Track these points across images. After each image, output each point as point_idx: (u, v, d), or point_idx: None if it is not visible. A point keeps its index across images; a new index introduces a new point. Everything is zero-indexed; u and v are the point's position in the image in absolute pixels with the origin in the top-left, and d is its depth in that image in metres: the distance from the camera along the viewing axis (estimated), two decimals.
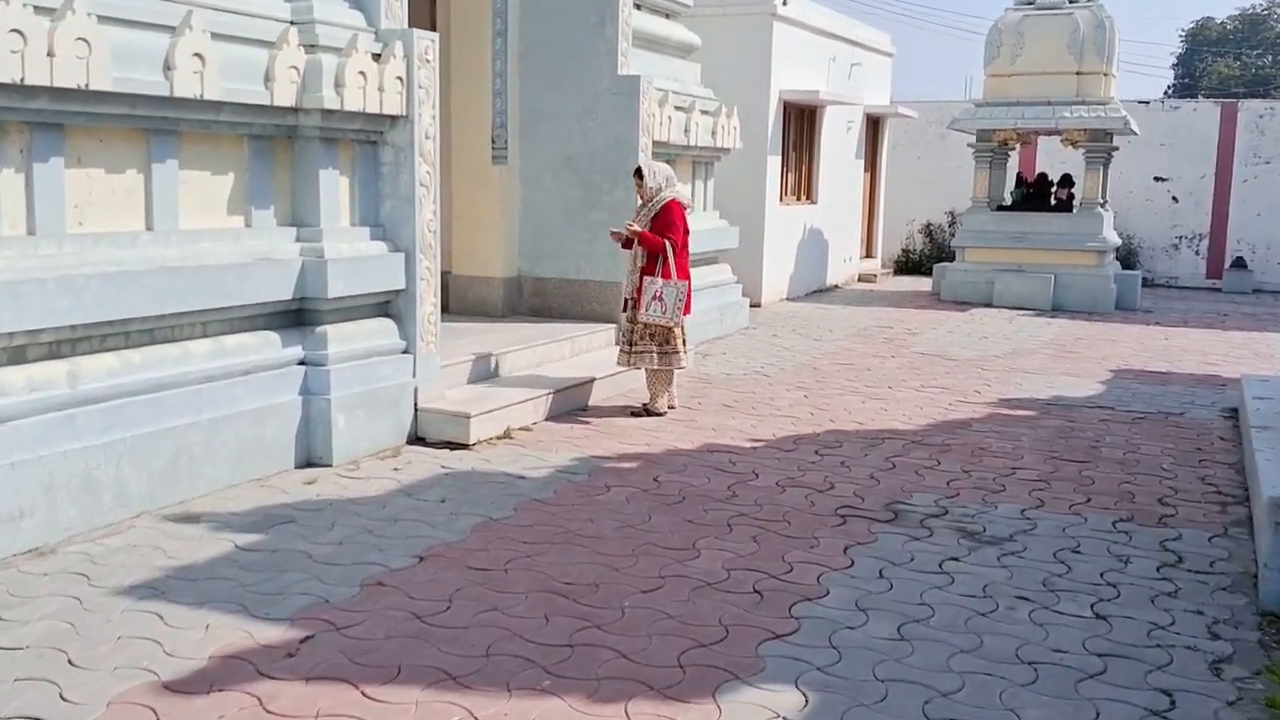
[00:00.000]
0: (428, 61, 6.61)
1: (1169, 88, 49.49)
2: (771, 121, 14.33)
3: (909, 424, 7.53)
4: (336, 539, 4.88)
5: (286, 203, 6.28)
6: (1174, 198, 19.74)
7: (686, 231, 7.67)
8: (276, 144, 6.15)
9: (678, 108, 10.60)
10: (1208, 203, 19.56)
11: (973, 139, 16.16)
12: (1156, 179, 19.75)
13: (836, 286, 17.42)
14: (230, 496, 5.48)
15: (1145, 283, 17.68)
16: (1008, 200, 16.66)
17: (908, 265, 20.56)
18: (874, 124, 18.73)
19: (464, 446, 6.61)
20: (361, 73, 6.16)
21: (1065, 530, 5.22)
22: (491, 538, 4.92)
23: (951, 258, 18.64)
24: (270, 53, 5.80)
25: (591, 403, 8.00)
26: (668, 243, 7.42)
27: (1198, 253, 19.70)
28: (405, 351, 6.72)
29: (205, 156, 5.74)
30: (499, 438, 6.86)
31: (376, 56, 6.40)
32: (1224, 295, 18.17)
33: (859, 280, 18.48)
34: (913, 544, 4.95)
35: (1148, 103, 20.50)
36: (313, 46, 6.07)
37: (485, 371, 7.73)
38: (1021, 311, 14.44)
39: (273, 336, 6.04)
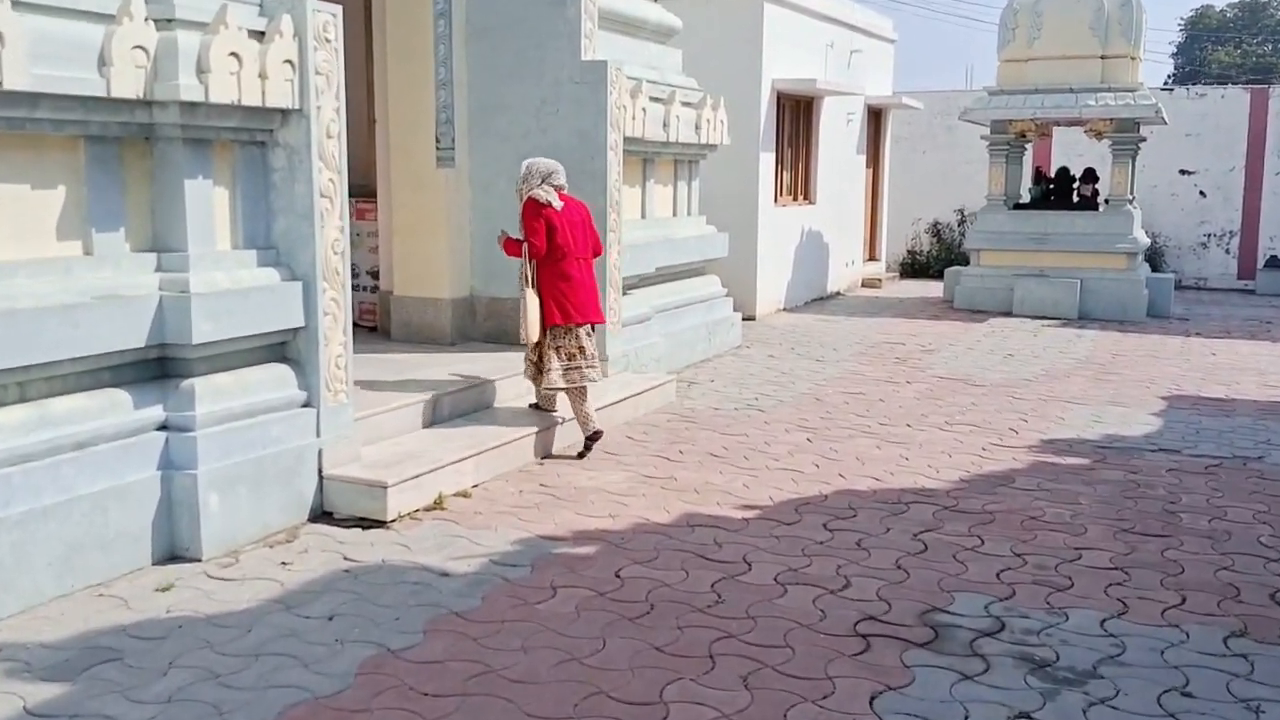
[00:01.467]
0: (327, 41, 5.31)
1: (1169, 76, 48.53)
2: (764, 114, 13.04)
3: (937, 479, 6.24)
4: (164, 693, 3.57)
5: (145, 223, 4.98)
6: (1201, 192, 18.48)
7: (554, 231, 6.57)
8: (127, 148, 4.85)
9: (654, 99, 9.30)
10: (1238, 197, 18.30)
11: (986, 131, 14.88)
12: (1182, 172, 18.50)
13: (839, 293, 16.14)
14: (50, 615, 4.18)
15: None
16: (1025, 198, 15.39)
17: (914, 268, 19.29)
18: (876, 116, 17.46)
19: (380, 524, 5.31)
20: (234, 54, 4.86)
21: (1164, 655, 3.92)
22: (380, 687, 3.62)
23: (963, 260, 17.39)
24: (106, 29, 4.50)
25: (556, 449, 6.71)
26: (525, 247, 6.57)
27: (1228, 251, 18.44)
28: (306, 404, 5.42)
29: (17, 166, 4.43)
30: (427, 509, 5.56)
31: (259, 35, 5.10)
32: (1259, 298, 16.92)
33: (863, 285, 17.21)
34: (964, 686, 3.66)
35: (1171, 89, 19.25)
36: (168, 21, 4.77)
37: (422, 417, 6.42)
38: (1045, 321, 13.16)
39: (120, 396, 4.74)
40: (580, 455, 6.65)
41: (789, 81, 13.34)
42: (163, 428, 4.89)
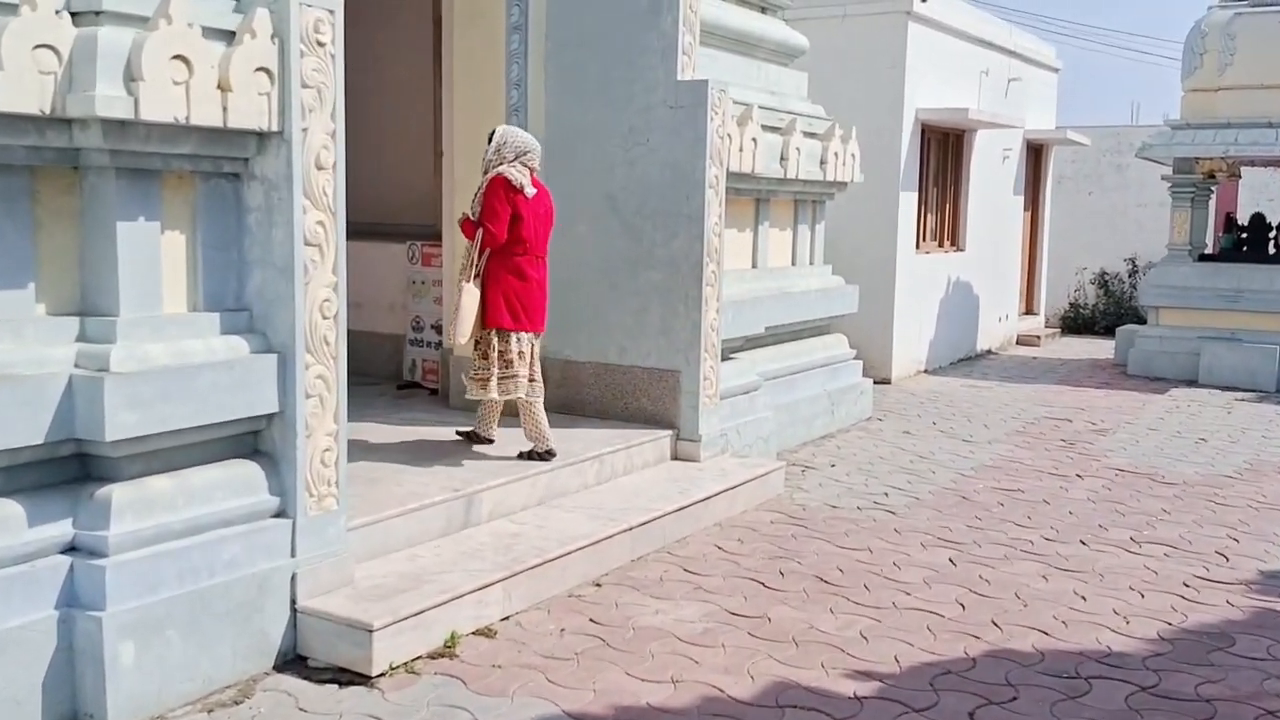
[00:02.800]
0: (319, 45, 4.14)
1: None
2: (905, 148, 11.54)
3: (1127, 634, 4.67)
4: None
5: (66, 278, 3.87)
6: None
7: (519, 222, 5.82)
8: (41, 180, 3.76)
9: (769, 128, 7.96)
10: None
11: (1167, 170, 13.05)
12: None
13: (990, 352, 14.41)
14: None
15: None
16: (1211, 247, 13.44)
17: (1077, 323, 17.38)
18: (1036, 153, 15.73)
19: (363, 679, 4.05)
20: (180, 58, 3.72)
21: None
22: None
23: (1134, 317, 15.48)
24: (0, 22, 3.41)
25: (616, 564, 5.37)
26: (480, 233, 5.79)
27: None
28: (280, 514, 4.22)
29: None
30: (434, 654, 4.29)
31: (228, 35, 3.96)
32: None
33: (1018, 343, 15.42)
34: None
35: None
36: (95, 14, 3.66)
37: (450, 519, 5.18)
38: (1238, 394, 11.23)
39: (9, 509, 3.59)
40: (524, 456, 5.97)
41: (936, 111, 11.83)
42: (71, 549, 3.73)
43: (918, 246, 12.25)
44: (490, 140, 5.87)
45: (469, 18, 7.12)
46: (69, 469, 3.83)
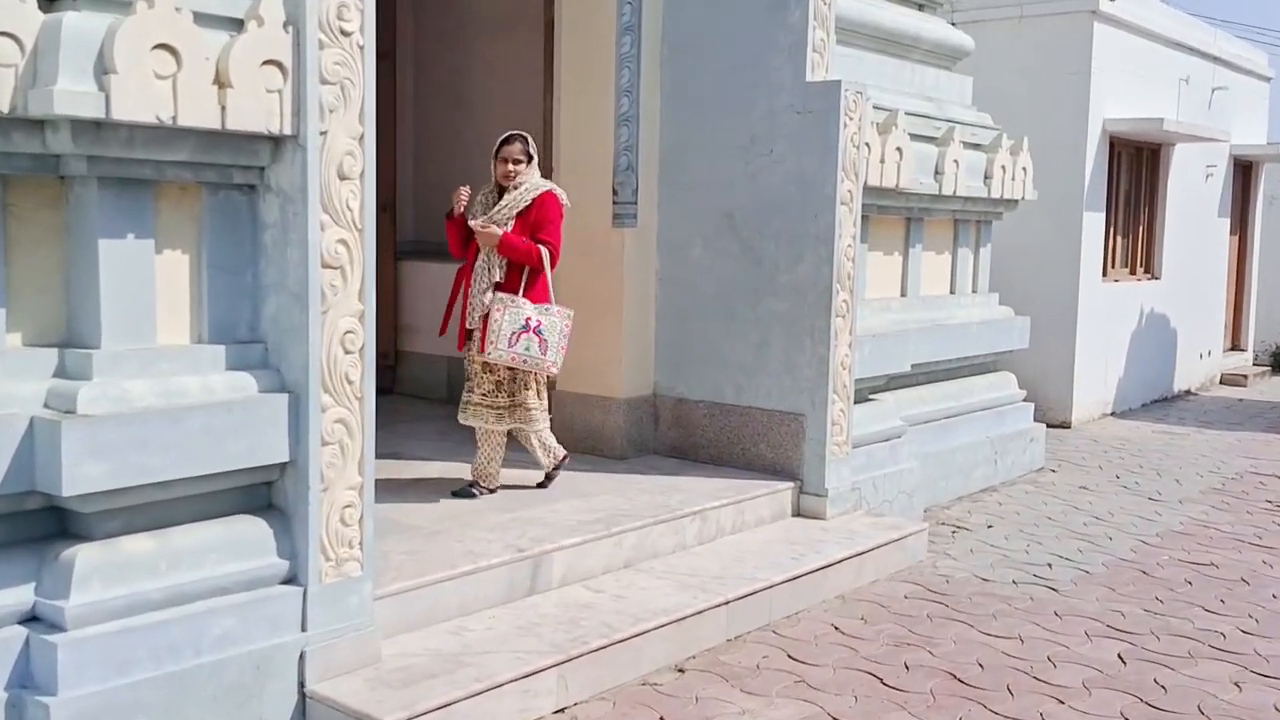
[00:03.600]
0: (343, 34, 3.58)
1: None
2: (1090, 163, 10.37)
3: None
4: None
5: (48, 302, 3.42)
6: None
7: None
8: (16, 190, 3.30)
9: (919, 137, 7.08)
10: None
11: None
12: None
13: (1188, 393, 12.93)
14: None
15: None
16: None
17: None
18: (1244, 171, 14.16)
19: None
20: (165, 48, 3.20)
21: None
22: None
23: None
24: None
25: (706, 645, 4.61)
26: (545, 251, 5.30)
27: None
28: (289, 580, 3.64)
29: None
30: None
31: (233, 24, 3.44)
32: None
33: (1221, 383, 13.85)
34: None
35: None
36: None
37: (511, 586, 4.53)
38: None
39: None
40: (456, 493, 5.47)
41: (1126, 122, 10.61)
42: (34, 619, 3.24)
43: (1105, 274, 11.01)
44: (510, 143, 5.33)
45: (578, 20, 6.52)
46: (40, 524, 3.35)
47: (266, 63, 3.43)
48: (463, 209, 5.36)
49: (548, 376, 5.50)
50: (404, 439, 6.83)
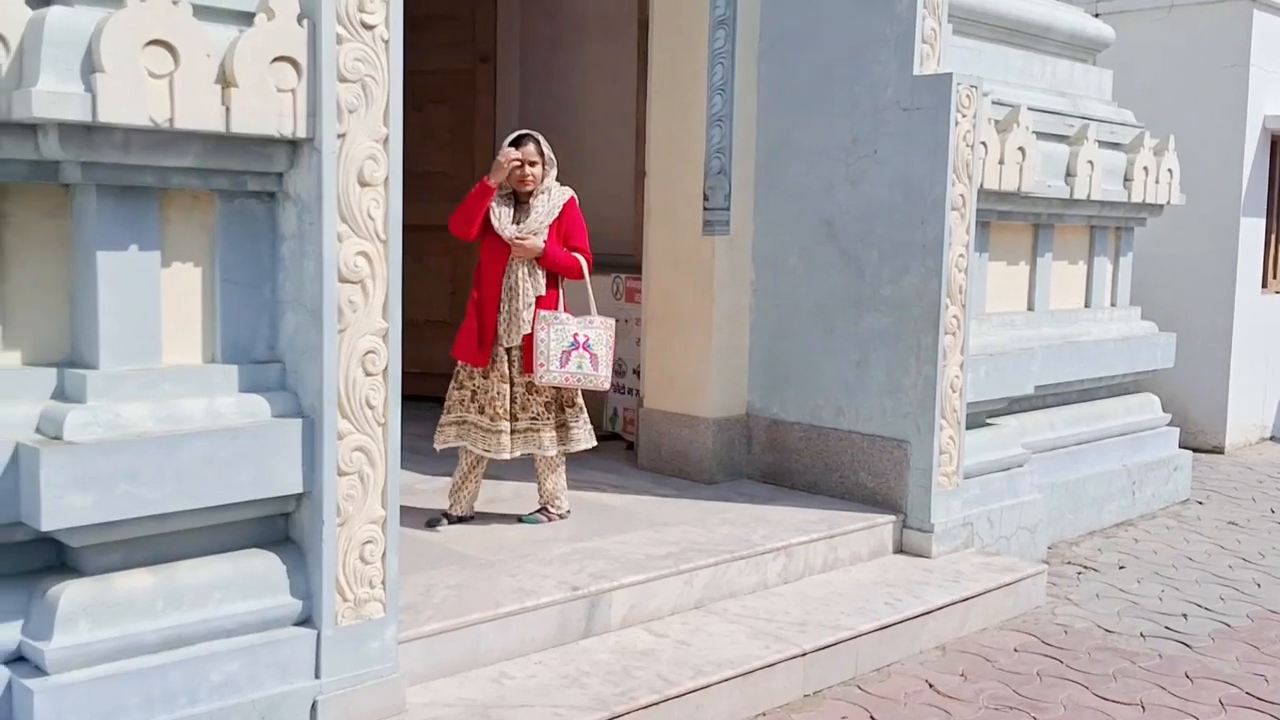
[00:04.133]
0: (365, 27, 3.30)
1: None
2: (1249, 165, 9.48)
3: None
4: None
5: (52, 319, 3.22)
6: None
7: None
8: (13, 199, 3.11)
9: (1046, 135, 6.47)
10: None
11: None
12: None
13: None
14: None
15: None
16: None
17: None
18: None
19: None
20: (160, 44, 2.95)
21: None
22: None
23: None
24: None
25: (778, 701, 4.18)
26: (584, 262, 5.05)
27: None
28: (303, 622, 3.36)
29: None
30: None
31: (242, 17, 3.19)
32: None
33: None
34: None
35: None
36: None
37: (564, 627, 4.18)
38: None
39: None
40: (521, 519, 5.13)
41: None
42: (19, 659, 3.03)
43: (1265, 285, 10.05)
44: (520, 144, 4.93)
45: (670, 15, 6.14)
46: (33, 556, 3.14)
47: (278, 59, 3.16)
48: (499, 184, 4.91)
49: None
50: None
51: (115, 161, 3.03)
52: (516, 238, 4.89)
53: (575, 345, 4.86)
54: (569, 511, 5.17)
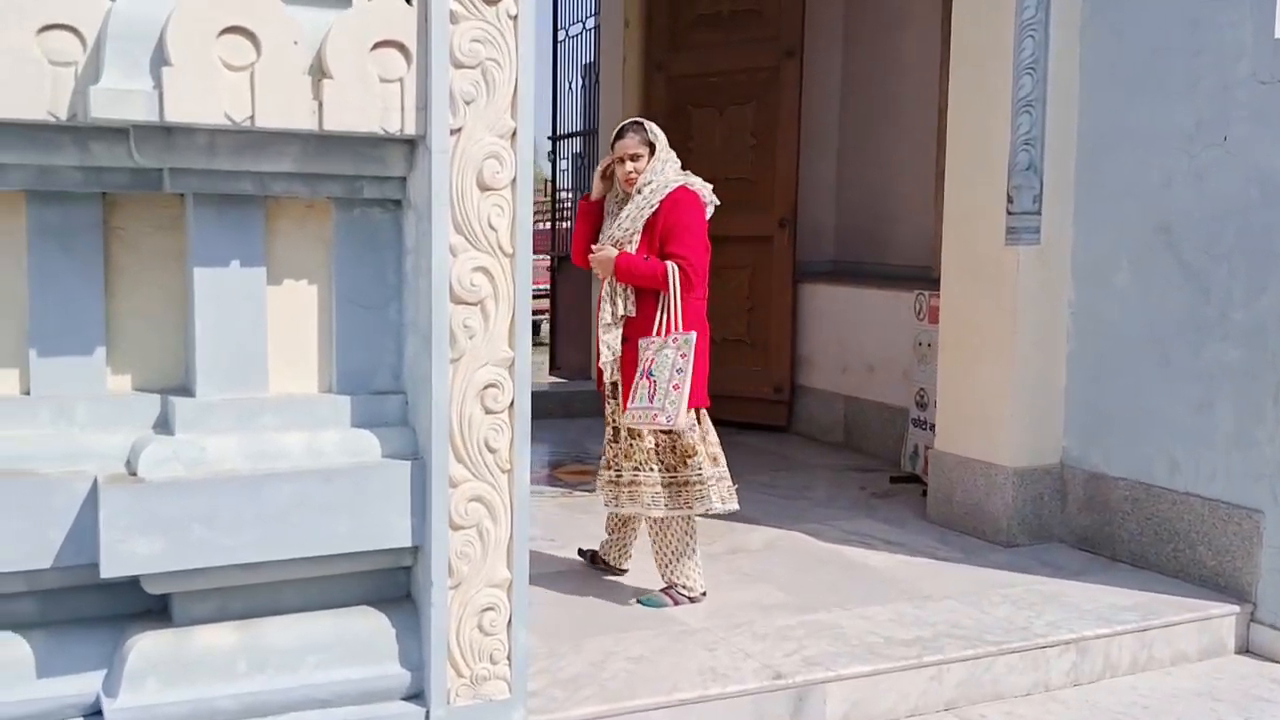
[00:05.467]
0: (486, 2, 2.84)
1: None
2: None
3: None
4: None
5: (162, 341, 3.03)
6: None
7: (708, 251, 4.20)
8: (121, 209, 2.96)
9: None
10: None
11: None
12: None
13: None
14: None
15: None
16: None
17: None
18: None
19: None
20: (242, 31, 2.68)
21: None
22: None
23: None
24: None
25: None
26: (673, 270, 4.07)
27: None
28: (413, 697, 2.97)
29: None
30: None
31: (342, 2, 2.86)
32: None
33: None
34: None
35: None
36: None
37: (801, 713, 3.54)
38: None
39: (16, 648, 2.79)
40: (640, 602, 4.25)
41: None
42: (98, 713, 2.83)
43: None
44: (625, 135, 4.18)
45: None
46: (128, 599, 2.94)
47: (380, 44, 2.78)
48: (600, 195, 4.33)
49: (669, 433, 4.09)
50: (761, 490, 5.96)
51: (203, 167, 2.77)
52: (592, 253, 4.22)
53: (643, 374, 4.01)
54: (704, 594, 4.25)
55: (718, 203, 4.27)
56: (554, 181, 10.37)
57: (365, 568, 3.01)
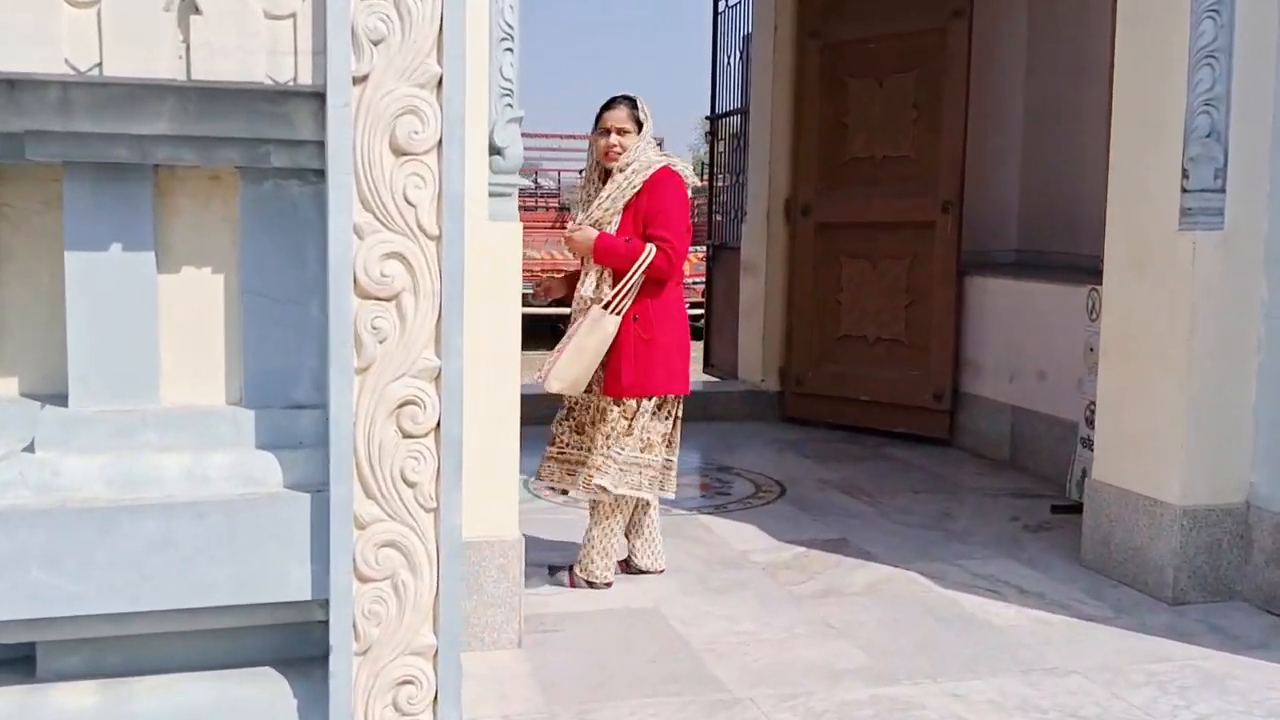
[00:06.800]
0: None
1: None
2: None
3: None
4: None
5: (51, 340, 2.59)
6: None
7: (690, 233, 4.22)
8: (12, 189, 2.53)
9: None
10: None
11: None
12: None
13: None
14: None
15: None
16: None
17: None
18: None
19: None
20: None
21: None
22: None
23: None
24: None
25: None
26: (648, 252, 3.90)
27: None
28: None
29: None
30: None
31: None
32: None
33: None
34: None
35: None
36: None
37: None
38: None
39: None
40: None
41: None
42: None
43: None
44: (616, 106, 4.07)
45: None
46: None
47: None
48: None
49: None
50: (892, 518, 5.19)
51: (60, 129, 2.29)
52: (569, 234, 4.03)
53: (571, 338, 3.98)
54: (608, 584, 4.14)
55: (698, 182, 3.91)
56: (712, 164, 9.70)
57: (266, 621, 2.47)
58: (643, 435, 4.05)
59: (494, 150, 3.48)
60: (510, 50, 3.49)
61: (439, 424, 2.37)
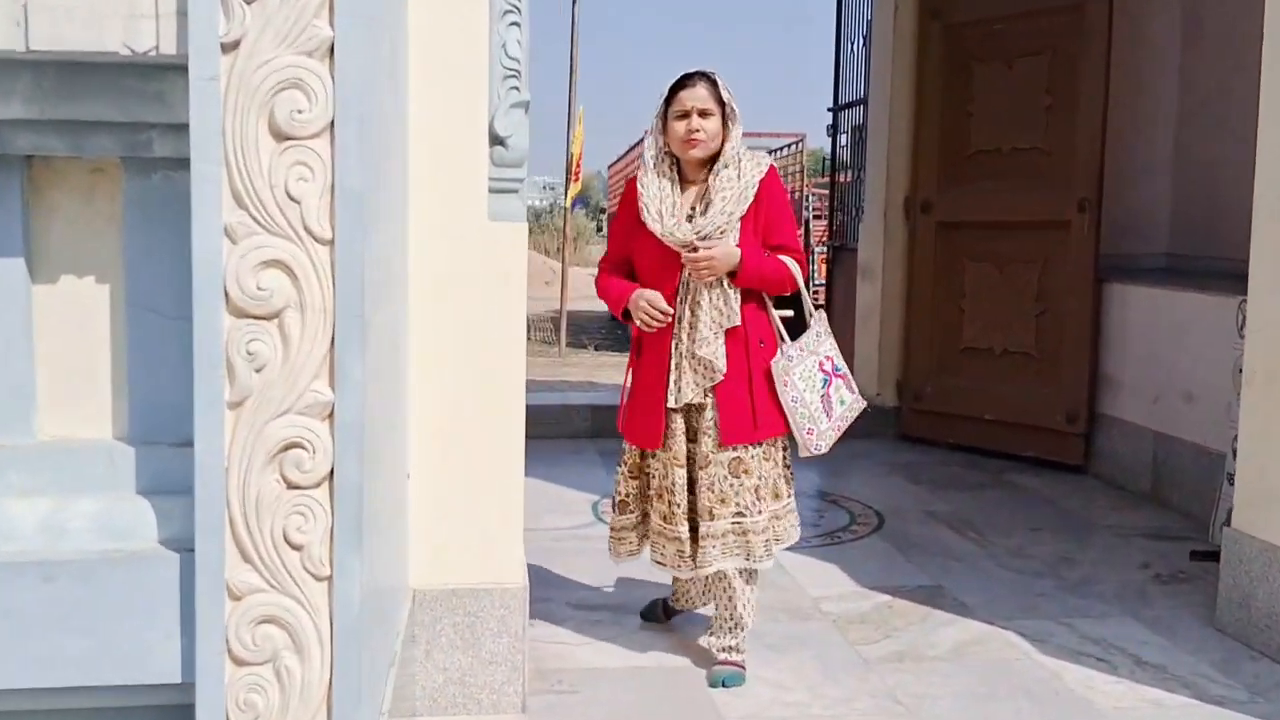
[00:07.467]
0: None
1: None
2: None
3: None
4: None
5: None
6: None
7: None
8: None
9: None
10: None
11: None
12: None
13: None
14: None
15: None
16: None
17: None
18: None
19: None
20: None
21: None
22: None
23: None
24: None
25: None
26: (796, 269, 3.28)
27: None
28: None
29: None
30: None
31: None
32: None
33: None
34: None
35: None
36: None
37: None
38: None
39: None
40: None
41: None
42: None
43: None
44: (690, 83, 3.30)
45: None
46: None
47: None
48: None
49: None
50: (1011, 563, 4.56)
51: None
52: (694, 244, 3.18)
53: (828, 378, 3.31)
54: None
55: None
56: (834, 158, 9.07)
57: (144, 702, 2.07)
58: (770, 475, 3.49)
59: (495, 140, 3.02)
60: (517, 25, 3.04)
61: (332, 472, 1.92)
